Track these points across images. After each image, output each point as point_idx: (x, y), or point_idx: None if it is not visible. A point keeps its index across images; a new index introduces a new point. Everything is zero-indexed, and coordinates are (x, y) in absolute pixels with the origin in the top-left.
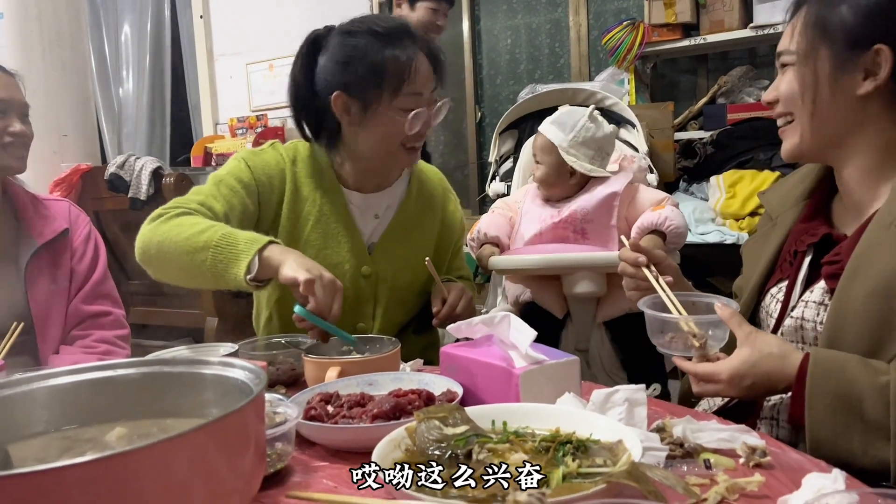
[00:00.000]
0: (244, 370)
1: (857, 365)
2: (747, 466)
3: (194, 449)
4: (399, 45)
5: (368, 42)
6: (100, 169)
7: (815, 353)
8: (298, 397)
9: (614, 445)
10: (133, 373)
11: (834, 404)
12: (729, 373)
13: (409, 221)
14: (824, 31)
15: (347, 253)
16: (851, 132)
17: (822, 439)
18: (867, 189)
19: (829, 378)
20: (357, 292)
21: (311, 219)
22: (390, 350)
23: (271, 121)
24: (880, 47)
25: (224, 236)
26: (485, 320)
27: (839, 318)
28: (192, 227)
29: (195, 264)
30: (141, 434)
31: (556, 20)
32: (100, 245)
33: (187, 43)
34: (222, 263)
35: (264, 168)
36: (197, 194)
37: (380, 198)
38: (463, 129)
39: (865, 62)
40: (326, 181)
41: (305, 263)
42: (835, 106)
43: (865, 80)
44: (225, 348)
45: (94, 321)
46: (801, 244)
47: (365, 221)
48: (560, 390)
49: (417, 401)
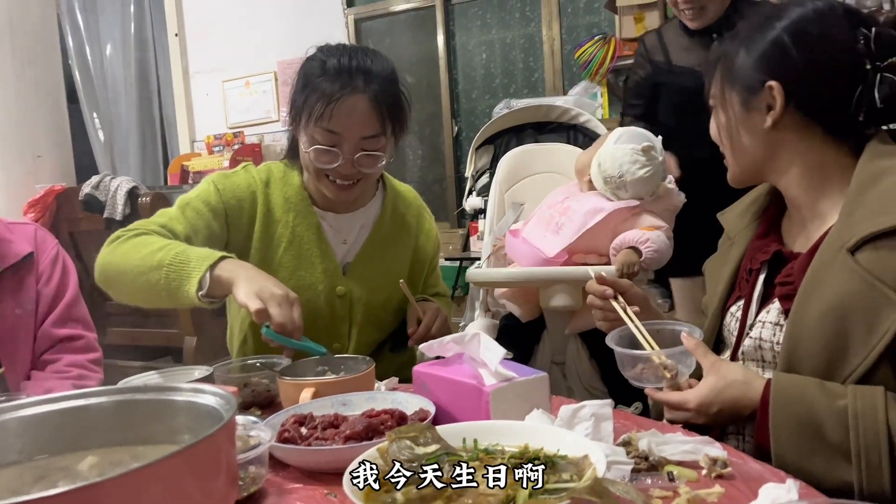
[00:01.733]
0: (215, 396)
1: (815, 389)
2: (709, 477)
3: (167, 476)
4: (336, 81)
5: (314, 69)
6: (74, 189)
7: (775, 380)
8: (272, 419)
9: (580, 461)
10: (105, 401)
11: (797, 430)
12: (697, 401)
13: (383, 240)
14: (731, 76)
15: (321, 274)
16: (772, 159)
17: (788, 463)
18: (808, 207)
19: (791, 404)
20: (332, 312)
21: (284, 241)
22: (364, 370)
23: (248, 137)
24: (771, 84)
25: (177, 254)
26: (456, 339)
27: (794, 339)
28: (147, 246)
29: (150, 284)
30: (113, 462)
31: (529, 35)
32: (69, 267)
33: (163, 60)
34: (175, 282)
35: (234, 191)
36: (160, 216)
37: (353, 217)
38: (440, 143)
39: (765, 99)
40: (299, 202)
41: (255, 286)
42: (749, 141)
43: (767, 115)
44: (200, 371)
45: (65, 345)
46: (755, 262)
47: (339, 241)
48: (529, 407)
49: (390, 421)
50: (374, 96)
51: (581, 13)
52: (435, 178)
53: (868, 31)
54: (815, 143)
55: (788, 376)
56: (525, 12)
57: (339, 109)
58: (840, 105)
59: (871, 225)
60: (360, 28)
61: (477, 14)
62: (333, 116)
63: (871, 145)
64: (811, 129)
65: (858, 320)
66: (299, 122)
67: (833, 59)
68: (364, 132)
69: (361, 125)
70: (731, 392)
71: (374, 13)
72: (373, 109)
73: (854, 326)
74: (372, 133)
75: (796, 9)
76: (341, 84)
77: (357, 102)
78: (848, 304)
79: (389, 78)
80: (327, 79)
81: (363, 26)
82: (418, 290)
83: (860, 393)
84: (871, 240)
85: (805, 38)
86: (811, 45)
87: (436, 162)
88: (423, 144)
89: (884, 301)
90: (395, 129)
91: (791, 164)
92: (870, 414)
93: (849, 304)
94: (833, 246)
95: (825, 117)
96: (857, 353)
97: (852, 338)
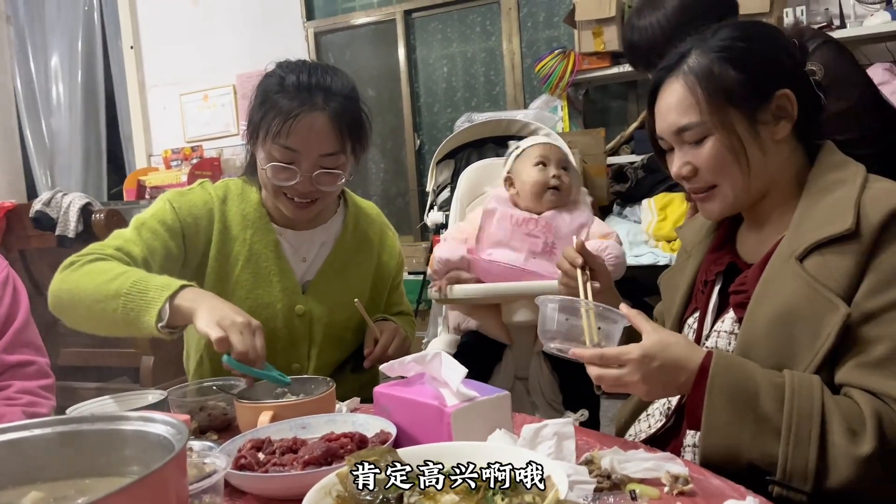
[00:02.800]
0: (166, 425)
1: (755, 365)
2: (671, 495)
3: None
4: (295, 98)
5: (273, 85)
6: (25, 206)
7: (717, 350)
8: (229, 445)
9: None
10: (49, 432)
11: (731, 397)
12: (641, 351)
13: (344, 258)
14: (727, 95)
15: (280, 293)
16: (778, 172)
17: (716, 430)
18: (775, 220)
19: (729, 371)
20: (291, 332)
21: (242, 258)
22: (324, 391)
23: (207, 151)
24: (784, 92)
25: (135, 283)
26: (416, 358)
27: (746, 345)
28: (103, 274)
29: (107, 313)
30: (58, 497)
31: (490, 49)
32: (19, 290)
33: (118, 73)
34: (133, 312)
35: (190, 208)
36: (115, 238)
37: (314, 235)
38: (402, 156)
39: (771, 109)
40: (257, 219)
41: (216, 315)
42: (762, 157)
43: (778, 125)
44: (154, 396)
45: (15, 371)
46: (710, 273)
47: (298, 259)
48: (491, 426)
49: (350, 444)
50: (333, 114)
51: (541, 27)
52: (398, 192)
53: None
54: (797, 152)
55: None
56: (485, 26)
57: (298, 126)
58: (811, 110)
59: (819, 233)
60: (320, 41)
61: (437, 28)
62: (291, 133)
63: (824, 155)
64: (795, 138)
65: (804, 325)
66: (257, 139)
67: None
68: (323, 150)
69: (320, 143)
70: (675, 350)
71: (335, 26)
72: (332, 127)
73: (800, 331)
74: (331, 151)
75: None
76: (300, 101)
77: (315, 120)
78: (795, 310)
79: (349, 95)
80: (286, 95)
81: (323, 39)
82: (380, 309)
83: (798, 375)
84: (817, 247)
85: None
86: (787, 52)
87: (398, 175)
88: (385, 158)
89: (827, 306)
90: (354, 148)
91: (782, 175)
92: (806, 392)
93: (795, 310)
94: (783, 255)
95: (804, 124)
96: (803, 357)
97: (798, 343)
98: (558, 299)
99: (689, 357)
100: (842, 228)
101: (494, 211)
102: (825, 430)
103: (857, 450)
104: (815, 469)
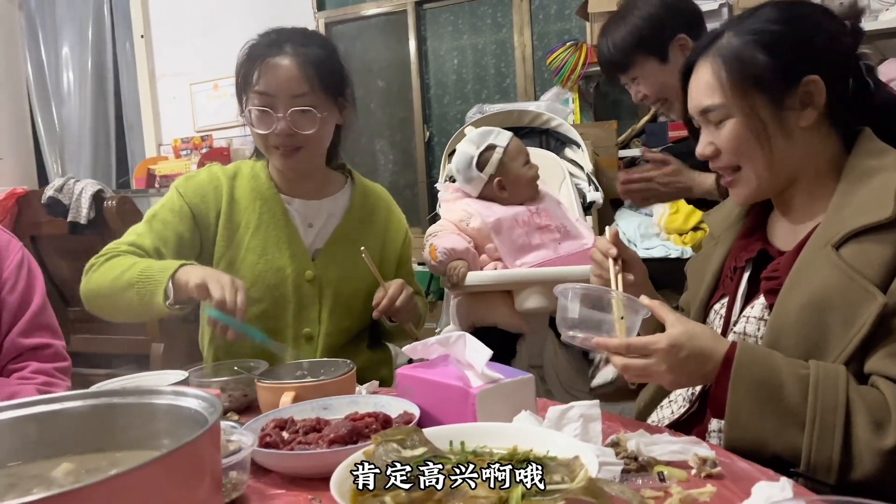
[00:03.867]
0: (198, 399)
1: (780, 357)
2: (699, 477)
3: (147, 483)
4: (263, 46)
5: (252, 46)
6: (37, 193)
7: (742, 342)
8: (252, 424)
9: (571, 461)
10: (80, 405)
11: (755, 388)
12: (669, 341)
13: (353, 230)
14: (753, 80)
15: (289, 258)
16: (805, 160)
17: (740, 420)
18: (807, 207)
19: (754, 363)
20: (301, 297)
21: (251, 227)
22: (345, 373)
23: (216, 141)
24: (812, 78)
25: (142, 271)
26: (440, 340)
27: (776, 331)
28: (116, 268)
29: (127, 303)
30: (89, 469)
31: (501, 41)
32: (35, 272)
33: (127, 63)
34: (146, 297)
35: (196, 189)
36: (128, 235)
37: (321, 205)
38: (412, 148)
39: (799, 95)
40: (266, 190)
41: (204, 273)
42: (787, 144)
43: (804, 112)
44: (174, 376)
45: (32, 354)
46: (740, 260)
47: (305, 226)
48: (516, 408)
49: (374, 424)
50: (300, 57)
51: (552, 19)
52: (406, 184)
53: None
54: (831, 139)
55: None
56: (497, 18)
57: (266, 69)
58: (845, 96)
59: (856, 221)
60: (331, 31)
61: (448, 19)
62: (262, 77)
63: (862, 143)
64: (827, 124)
65: (838, 313)
66: (243, 99)
67: (839, 50)
68: (292, 90)
69: (288, 84)
70: (702, 340)
71: (345, 17)
72: (298, 68)
73: (833, 319)
74: (300, 92)
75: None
76: (269, 47)
77: (282, 61)
78: (828, 298)
79: (321, 45)
80: (259, 47)
81: (334, 30)
82: None
83: (822, 366)
84: (855, 235)
85: (819, 30)
86: (826, 36)
87: (407, 167)
88: (394, 149)
89: (862, 294)
90: (326, 90)
91: (811, 162)
92: (831, 384)
93: (829, 298)
94: (819, 242)
95: (837, 110)
96: (835, 345)
97: (831, 330)
98: (581, 287)
99: (714, 347)
100: (881, 217)
101: (499, 223)
102: (849, 423)
103: (881, 443)
104: (839, 462)
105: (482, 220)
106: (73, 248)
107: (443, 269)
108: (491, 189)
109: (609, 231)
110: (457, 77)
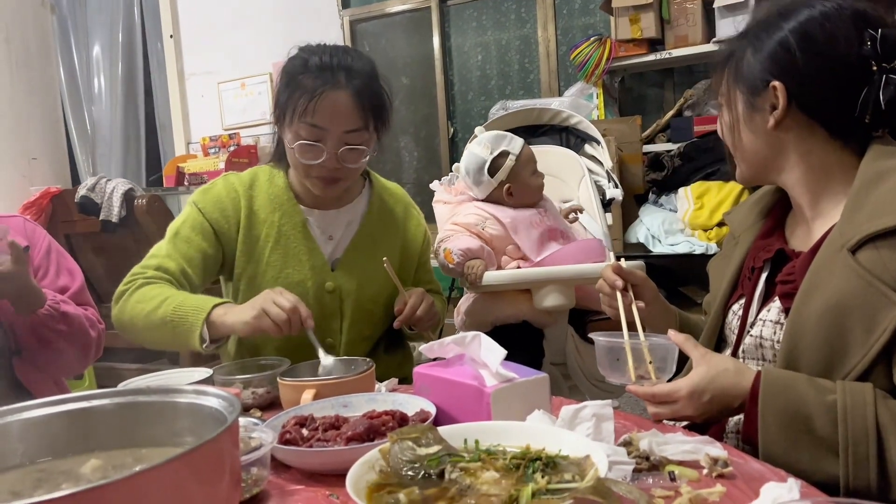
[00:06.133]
0: (218, 398)
1: (804, 383)
2: (710, 477)
3: (170, 479)
4: (319, 77)
5: (297, 67)
6: (70, 192)
7: (766, 372)
8: (273, 421)
9: (582, 461)
10: (107, 403)
11: (785, 421)
12: (689, 388)
13: (371, 236)
14: (737, 75)
15: (309, 271)
16: (775, 159)
17: (775, 455)
18: (811, 206)
19: (780, 395)
20: (322, 308)
21: (271, 240)
22: (365, 371)
23: (244, 139)
24: (775, 84)
25: (175, 309)
26: (456, 340)
27: (794, 337)
28: (148, 302)
29: (162, 338)
30: (116, 465)
31: (524, 36)
32: (63, 256)
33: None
34: (181, 336)
35: (215, 203)
36: (153, 258)
37: (339, 214)
38: (436, 144)
39: (769, 99)
40: (285, 201)
41: (245, 315)
42: (753, 140)
43: (772, 114)
44: (199, 374)
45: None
46: (758, 260)
47: (325, 238)
48: (530, 407)
49: (391, 422)
50: (355, 91)
51: (576, 14)
52: (431, 180)
53: (875, 32)
54: (817, 143)
55: (779, 370)
56: (520, 14)
57: (322, 104)
58: (844, 107)
59: (872, 225)
60: (356, 29)
61: (472, 15)
62: (317, 111)
63: (875, 146)
64: (814, 129)
65: (857, 319)
66: (284, 121)
67: (838, 61)
68: (347, 126)
69: (344, 119)
70: (723, 380)
71: (370, 14)
72: (355, 104)
73: (853, 325)
74: (354, 127)
75: (804, 10)
76: (324, 80)
77: (339, 97)
78: (847, 303)
79: (370, 74)
80: (309, 76)
81: (358, 28)
82: (409, 285)
83: (849, 388)
84: (871, 239)
85: (810, 41)
86: (816, 48)
87: (431, 163)
88: (418, 146)
89: (883, 300)
90: (377, 125)
91: (794, 164)
92: (859, 409)
93: (848, 303)
94: (834, 245)
95: (829, 119)
96: (855, 351)
97: (851, 336)
98: (605, 342)
99: (737, 384)
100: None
101: (515, 225)
102: (882, 448)
103: None
104: (877, 487)
105: (500, 222)
106: (106, 245)
107: (460, 270)
108: (499, 194)
109: (611, 260)
110: (481, 73)
